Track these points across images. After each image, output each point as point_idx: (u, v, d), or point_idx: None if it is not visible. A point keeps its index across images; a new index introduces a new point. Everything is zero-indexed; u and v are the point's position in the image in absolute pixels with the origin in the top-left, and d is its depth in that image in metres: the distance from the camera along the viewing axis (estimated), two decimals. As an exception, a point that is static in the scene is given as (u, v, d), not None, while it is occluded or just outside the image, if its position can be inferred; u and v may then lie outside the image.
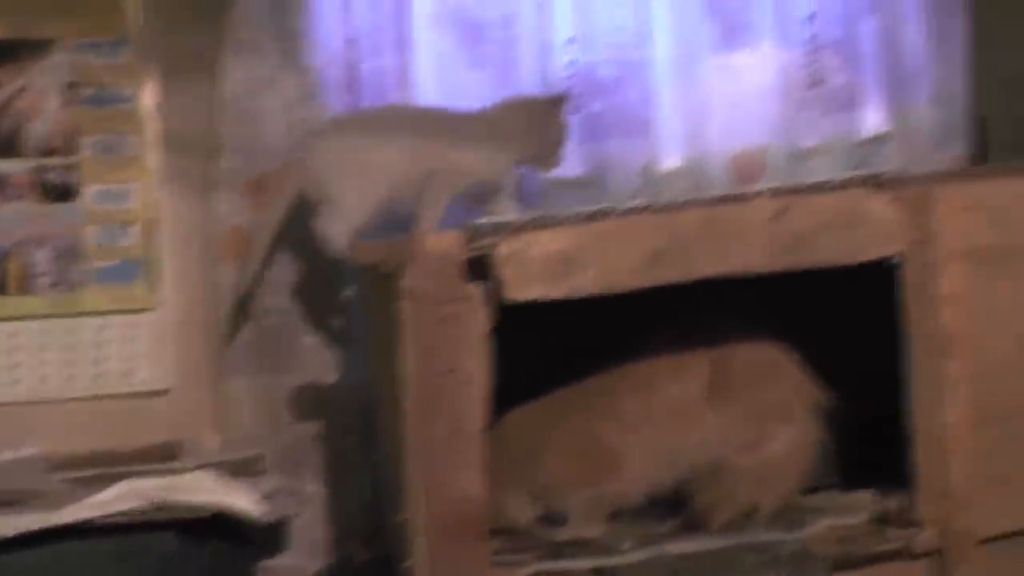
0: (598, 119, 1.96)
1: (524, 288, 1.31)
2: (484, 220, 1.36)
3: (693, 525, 1.54)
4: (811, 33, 2.05)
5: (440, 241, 1.31)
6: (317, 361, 1.92)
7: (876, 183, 1.45)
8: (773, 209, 1.37)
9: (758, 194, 1.41)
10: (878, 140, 2.11)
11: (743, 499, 1.53)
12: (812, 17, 2.05)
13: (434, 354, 1.31)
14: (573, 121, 1.95)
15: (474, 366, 1.31)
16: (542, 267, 1.31)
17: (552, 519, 1.56)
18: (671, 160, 1.98)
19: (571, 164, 1.95)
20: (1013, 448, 1.51)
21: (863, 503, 1.57)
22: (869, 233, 1.41)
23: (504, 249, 1.30)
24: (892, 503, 1.53)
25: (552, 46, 1.96)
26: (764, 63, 2.01)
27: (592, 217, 1.36)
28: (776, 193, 1.42)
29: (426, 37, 1.94)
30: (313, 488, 1.91)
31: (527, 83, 1.94)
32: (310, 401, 1.91)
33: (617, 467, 1.55)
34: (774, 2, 2.03)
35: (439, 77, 1.95)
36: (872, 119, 2.09)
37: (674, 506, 1.58)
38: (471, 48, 1.95)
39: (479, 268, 1.32)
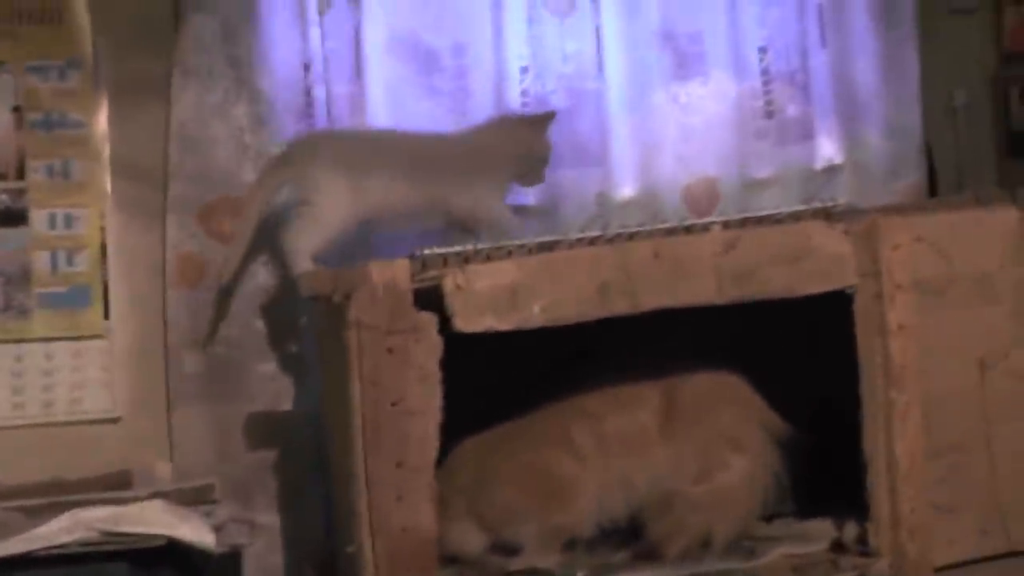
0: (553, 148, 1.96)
1: (473, 320, 1.30)
2: (432, 250, 1.35)
3: (647, 555, 1.54)
4: (764, 65, 2.07)
5: (388, 271, 1.30)
6: (271, 390, 1.90)
7: (826, 216, 1.46)
8: (723, 242, 1.38)
9: (708, 227, 1.41)
10: (830, 171, 2.13)
11: (697, 528, 1.53)
12: (764, 50, 2.07)
13: (381, 384, 1.30)
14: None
15: (422, 397, 1.31)
16: (490, 299, 1.31)
17: (506, 549, 1.55)
18: (625, 189, 1.98)
19: (525, 193, 1.95)
20: (959, 479, 1.53)
21: (821, 532, 1.58)
22: (819, 266, 1.42)
23: (451, 281, 1.30)
24: (849, 532, 1.54)
25: (506, 75, 1.96)
26: (717, 94, 2.02)
27: (541, 249, 1.35)
28: (727, 225, 1.42)
29: (380, 64, 1.93)
30: (266, 517, 1.89)
31: (480, 111, 1.94)
32: (263, 430, 1.89)
33: (570, 497, 1.55)
34: (727, 34, 2.05)
35: (392, 104, 1.95)
36: (825, 150, 2.11)
37: (628, 536, 1.58)
38: (425, 76, 1.95)
39: (428, 299, 1.32)
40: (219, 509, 1.74)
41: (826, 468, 1.59)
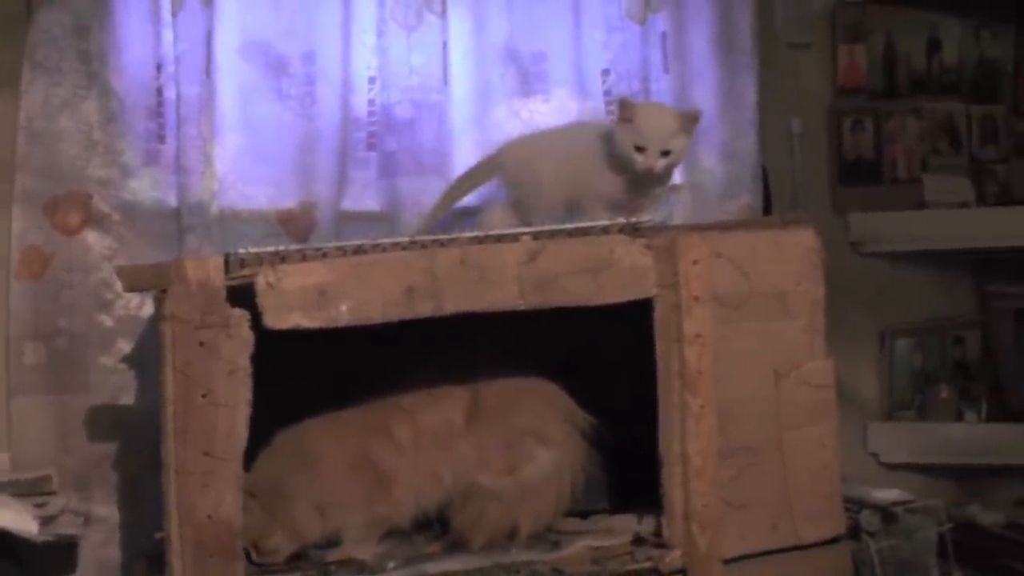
0: (394, 157, 2.03)
1: (282, 317, 1.36)
2: (247, 250, 1.40)
3: (455, 546, 1.60)
4: (606, 87, 2.16)
5: (202, 268, 1.35)
6: (112, 383, 1.92)
7: (631, 231, 1.55)
8: (527, 251, 1.45)
9: (518, 237, 1.49)
10: (670, 190, 2.22)
11: (500, 521, 1.60)
12: (607, 72, 2.17)
13: (192, 377, 1.34)
14: (370, 158, 2.04)
15: (231, 391, 1.35)
16: (299, 298, 1.36)
17: (328, 541, 1.60)
18: (465, 198, 2.05)
19: (365, 199, 2.01)
20: (752, 478, 1.63)
21: (625, 526, 1.67)
22: (619, 277, 1.51)
23: (263, 279, 1.35)
24: (647, 525, 1.63)
25: (353, 84, 2.02)
26: (558, 111, 2.11)
27: (355, 252, 1.41)
28: (537, 236, 1.50)
29: (231, 67, 1.97)
30: (105, 510, 1.91)
31: (327, 118, 1.99)
32: (104, 423, 1.91)
33: (389, 488, 1.61)
34: (570, 55, 2.14)
35: (243, 107, 1.99)
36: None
37: (445, 528, 1.64)
38: (274, 81, 2.00)
39: (243, 296, 1.37)
40: (54, 500, 1.74)
41: (640, 467, 1.67)
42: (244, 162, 1.99)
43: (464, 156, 2.06)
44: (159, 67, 1.94)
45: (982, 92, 2.73)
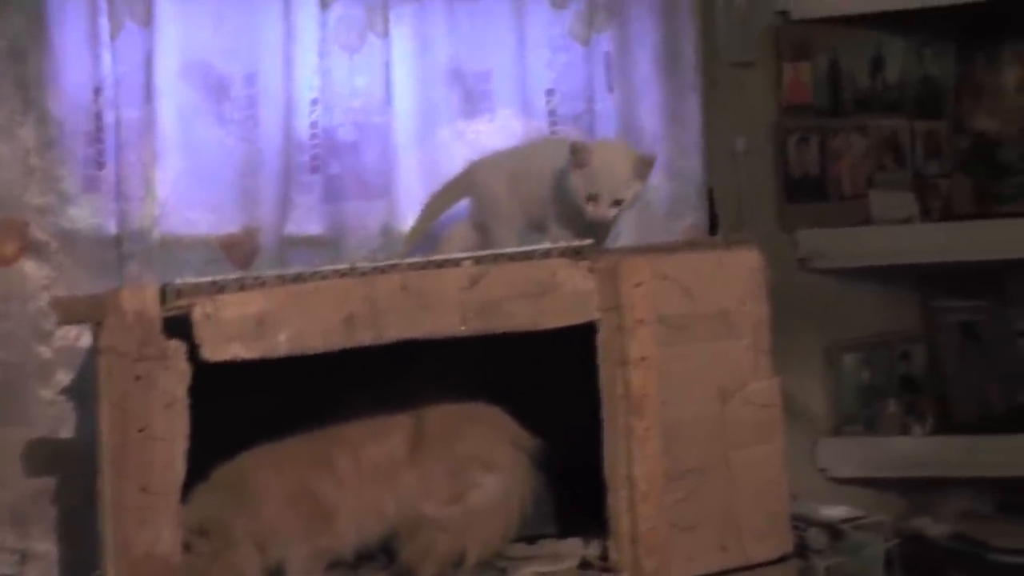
0: (338, 180, 2.02)
1: (220, 349, 1.33)
2: (183, 280, 1.37)
3: (403, 576, 1.58)
4: (551, 107, 2.17)
5: (138, 299, 1.33)
6: (51, 415, 1.88)
7: (573, 254, 1.54)
8: (469, 276, 1.44)
9: (457, 262, 1.48)
10: (614, 208, 2.23)
11: (447, 550, 1.59)
12: (552, 92, 2.17)
13: (128, 410, 1.32)
14: (313, 181, 2.02)
15: (169, 424, 1.33)
16: (237, 328, 1.34)
17: (272, 572, 1.58)
18: (410, 221, 2.04)
19: (309, 224, 1.99)
20: (699, 499, 1.62)
21: (573, 550, 1.66)
22: (562, 301, 1.50)
23: (200, 310, 1.33)
24: (593, 550, 1.62)
25: (295, 106, 2.00)
26: (503, 132, 2.10)
27: (295, 280, 1.39)
28: (479, 261, 1.49)
29: (171, 90, 1.95)
30: (43, 546, 1.87)
31: (269, 141, 1.98)
32: (42, 456, 1.87)
33: (331, 521, 1.58)
34: (514, 75, 2.14)
35: (184, 130, 1.96)
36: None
37: (388, 560, 1.62)
38: (215, 104, 1.97)
39: (177, 327, 1.34)
40: (-10, 536, 1.71)
41: (590, 490, 1.66)
42: (185, 187, 1.96)
43: (409, 178, 2.05)
44: (98, 91, 1.91)
45: (925, 109, 2.77)
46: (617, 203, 1.72)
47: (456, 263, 1.48)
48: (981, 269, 2.64)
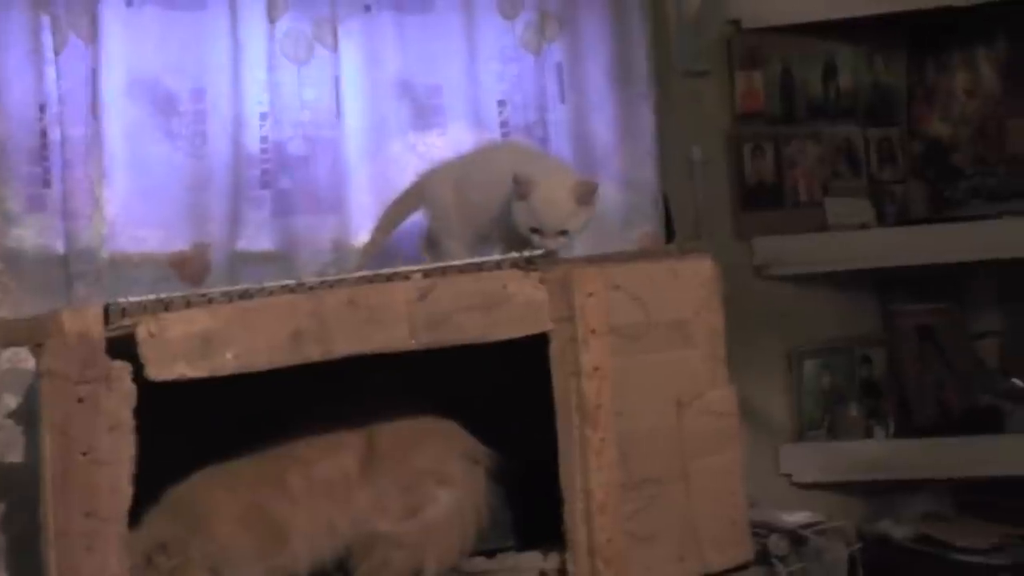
0: (288, 194, 1.99)
1: (166, 368, 1.31)
2: (126, 299, 1.35)
3: (361, 596, 1.56)
4: (503, 118, 2.16)
5: (80, 320, 1.30)
6: (-1, 439, 1.84)
7: (524, 265, 1.53)
8: (417, 289, 1.43)
9: (406, 275, 1.46)
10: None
11: (403, 566, 1.57)
12: (503, 103, 2.16)
13: (71, 434, 1.29)
14: (264, 196, 2.00)
15: (113, 446, 1.30)
16: (183, 347, 1.31)
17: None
18: (362, 236, 2.02)
19: (260, 239, 1.97)
20: (657, 509, 1.61)
21: (531, 564, 1.64)
22: (513, 312, 1.49)
23: (144, 329, 1.30)
24: (551, 562, 1.60)
25: (244, 120, 1.98)
26: (455, 145, 2.09)
27: (241, 297, 1.37)
28: (428, 273, 1.48)
29: (117, 106, 1.92)
30: (-11, 572, 1.83)
31: (218, 157, 1.95)
32: (-11, 481, 1.83)
33: (284, 540, 1.56)
34: (466, 88, 2.13)
35: (131, 147, 1.94)
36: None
37: (345, 576, 1.60)
38: (163, 119, 1.95)
39: (122, 347, 1.32)
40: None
41: (549, 503, 1.65)
42: (134, 204, 1.94)
43: (360, 192, 2.03)
44: (43, 108, 1.88)
45: (878, 116, 2.79)
46: (563, 233, 1.69)
47: (405, 276, 1.46)
48: (938, 272, 2.66)
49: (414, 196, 1.93)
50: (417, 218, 1.96)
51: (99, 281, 1.86)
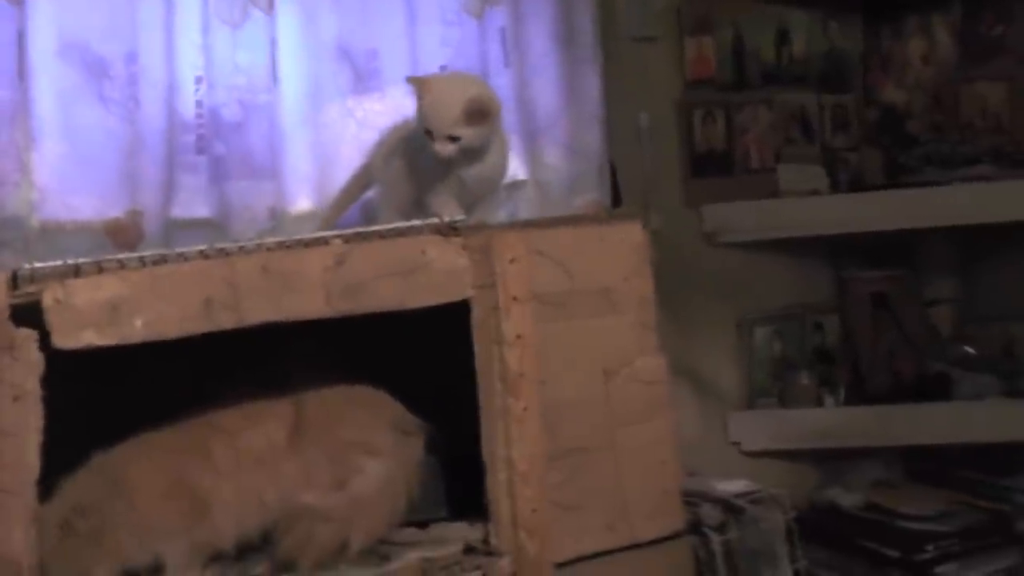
0: (224, 160, 1.97)
1: (72, 336, 1.29)
2: (31, 265, 1.32)
3: (283, 568, 1.54)
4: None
5: (-18, 287, 1.28)
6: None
7: (443, 230, 1.51)
8: (333, 256, 1.41)
9: (321, 240, 1.44)
10: (513, 187, 2.20)
11: (330, 540, 1.54)
12: (444, 68, 2.13)
13: (-28, 405, 1.27)
14: (199, 162, 1.97)
15: (18, 417, 1.28)
16: (91, 315, 1.29)
17: (149, 569, 1.53)
18: (299, 203, 2.00)
19: (196, 206, 1.94)
20: (584, 479, 1.60)
21: (459, 534, 1.62)
22: (432, 279, 1.47)
23: (51, 296, 1.28)
24: (476, 533, 1.59)
25: (178, 85, 1.94)
26: (394, 110, 2.06)
27: (150, 262, 1.35)
28: (347, 239, 1.45)
29: (47, 70, 1.88)
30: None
31: (151, 121, 1.92)
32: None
33: (208, 512, 1.53)
34: (406, 52, 2.09)
35: (63, 112, 1.90)
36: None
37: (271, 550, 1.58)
38: (95, 83, 1.91)
39: (27, 315, 1.30)
40: None
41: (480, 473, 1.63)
42: (66, 171, 1.90)
43: (297, 159, 2.00)
44: (-31, 73, 1.84)
45: (832, 82, 2.77)
46: (453, 139, 1.67)
47: (325, 242, 1.44)
48: (892, 239, 2.65)
49: (365, 171, 1.90)
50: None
51: (28, 249, 1.83)
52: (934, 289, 2.82)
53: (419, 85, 1.69)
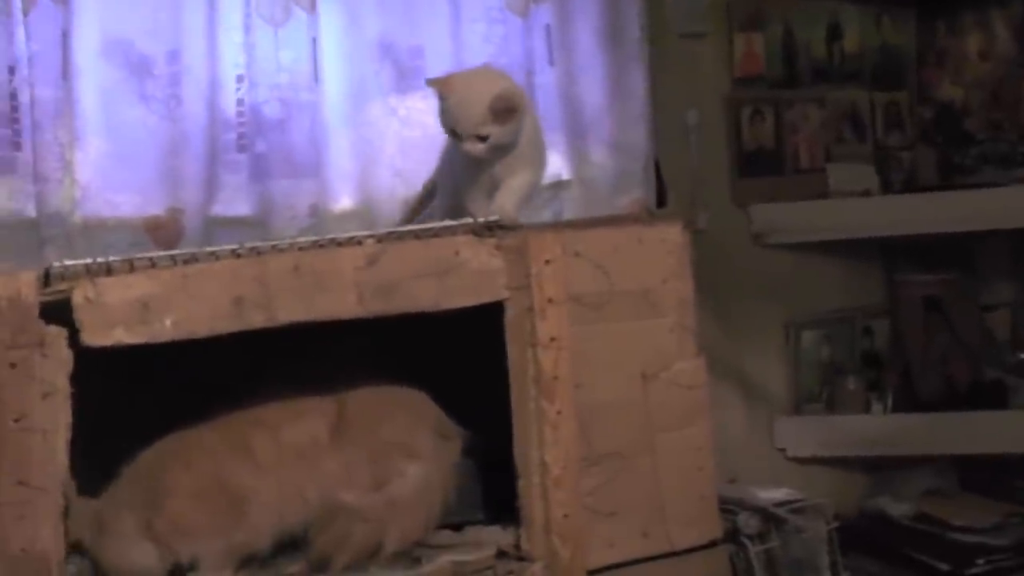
0: (265, 159, 1.96)
1: (102, 334, 1.29)
2: (63, 263, 1.33)
3: (317, 568, 1.53)
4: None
5: (11, 284, 1.28)
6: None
7: (479, 231, 1.49)
8: (365, 256, 1.39)
9: (355, 240, 1.42)
10: (558, 186, 2.18)
11: (366, 540, 1.53)
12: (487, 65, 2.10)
13: (2, 401, 1.27)
14: (240, 160, 1.97)
15: (47, 414, 1.28)
16: (121, 312, 1.29)
17: (181, 568, 1.53)
18: (342, 201, 1.99)
19: (237, 204, 1.94)
20: (620, 484, 1.57)
21: (492, 538, 1.60)
22: (466, 280, 1.45)
23: (81, 294, 1.28)
24: (509, 538, 1.56)
25: (220, 83, 1.94)
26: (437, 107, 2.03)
27: (181, 261, 1.34)
28: (380, 239, 1.44)
29: (91, 68, 1.89)
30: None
31: (193, 120, 1.92)
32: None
33: (245, 510, 1.52)
34: (450, 50, 2.08)
35: (105, 110, 1.91)
36: (552, 165, 2.15)
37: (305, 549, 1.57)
38: (137, 82, 1.92)
39: (57, 312, 1.30)
40: None
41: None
42: (108, 168, 1.91)
43: (339, 157, 1.99)
44: (12, 70, 1.85)
45: (885, 79, 2.71)
46: (482, 139, 1.61)
47: (359, 242, 1.43)
48: (946, 242, 2.58)
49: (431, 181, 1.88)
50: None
51: (70, 245, 1.84)
52: (991, 293, 2.74)
53: (440, 86, 1.63)
